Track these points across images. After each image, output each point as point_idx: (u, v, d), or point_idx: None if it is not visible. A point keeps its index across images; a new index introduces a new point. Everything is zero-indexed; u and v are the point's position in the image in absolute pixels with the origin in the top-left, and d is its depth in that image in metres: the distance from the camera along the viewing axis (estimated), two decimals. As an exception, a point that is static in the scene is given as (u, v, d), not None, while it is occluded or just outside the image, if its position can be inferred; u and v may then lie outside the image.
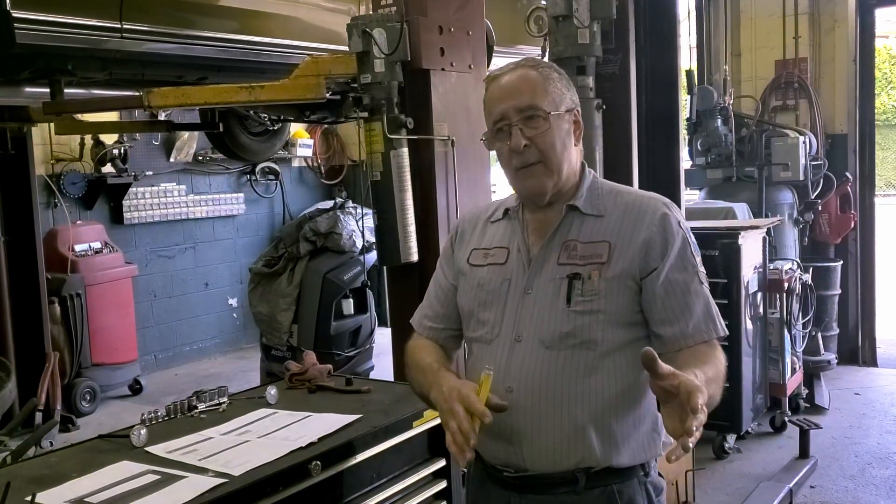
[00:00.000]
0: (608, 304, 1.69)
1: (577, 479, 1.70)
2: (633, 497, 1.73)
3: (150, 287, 7.60)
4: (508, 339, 1.75)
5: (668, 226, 1.72)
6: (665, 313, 1.69)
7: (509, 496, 1.77)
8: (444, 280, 1.95)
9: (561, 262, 1.74)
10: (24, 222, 5.70)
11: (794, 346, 5.53)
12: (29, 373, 5.22)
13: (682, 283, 1.70)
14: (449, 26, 3.19)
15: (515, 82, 1.77)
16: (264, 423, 2.12)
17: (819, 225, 6.88)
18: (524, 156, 1.73)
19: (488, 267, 1.83)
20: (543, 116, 1.73)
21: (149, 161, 7.44)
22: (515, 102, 1.74)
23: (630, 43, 3.65)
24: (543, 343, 1.71)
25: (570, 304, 1.70)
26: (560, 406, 1.68)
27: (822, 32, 7.06)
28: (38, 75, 3.83)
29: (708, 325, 1.70)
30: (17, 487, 1.58)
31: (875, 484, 4.55)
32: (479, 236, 1.91)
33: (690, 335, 1.68)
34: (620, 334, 1.70)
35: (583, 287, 1.69)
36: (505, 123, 1.75)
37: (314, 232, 6.01)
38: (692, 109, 6.84)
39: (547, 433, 1.69)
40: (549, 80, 1.77)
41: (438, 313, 1.95)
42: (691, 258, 1.73)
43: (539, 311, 1.73)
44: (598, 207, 1.78)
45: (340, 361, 5.75)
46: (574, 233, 1.76)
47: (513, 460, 1.74)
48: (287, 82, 3.27)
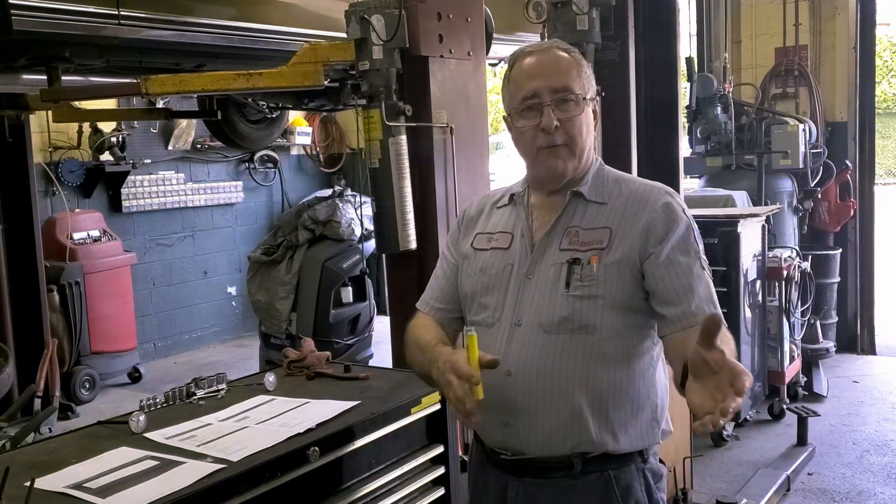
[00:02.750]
0: (607, 289, 1.68)
1: (573, 463, 1.70)
2: (630, 483, 1.73)
3: (149, 275, 7.60)
4: (509, 323, 1.75)
5: (671, 211, 1.72)
6: (668, 294, 1.68)
7: (507, 479, 1.78)
8: (451, 262, 1.95)
9: (562, 247, 1.74)
10: (22, 210, 5.68)
11: (792, 334, 5.54)
12: (28, 361, 5.23)
13: (684, 265, 1.69)
14: (448, 13, 3.17)
15: (551, 62, 1.75)
16: (263, 410, 2.12)
17: (818, 213, 6.88)
18: (553, 136, 1.72)
19: (491, 251, 1.83)
20: (575, 101, 1.73)
21: (147, 149, 7.42)
22: (551, 82, 1.72)
23: (629, 30, 3.64)
24: (542, 327, 1.71)
25: (569, 288, 1.70)
26: (557, 390, 1.68)
27: (823, 20, 7.04)
28: (36, 62, 3.82)
29: (710, 306, 1.69)
30: (17, 473, 1.58)
31: (872, 471, 4.57)
32: (484, 221, 1.91)
33: (694, 313, 1.66)
34: (620, 320, 1.70)
35: (582, 272, 1.69)
36: (536, 101, 1.72)
37: (313, 220, 6.01)
38: (692, 97, 6.83)
39: (544, 417, 1.69)
40: (580, 65, 1.77)
41: (447, 295, 1.94)
42: (694, 243, 1.73)
43: (539, 295, 1.73)
44: (602, 194, 1.78)
45: (339, 349, 5.76)
46: (577, 219, 1.76)
47: (510, 443, 1.75)
48: (285, 69, 3.26)
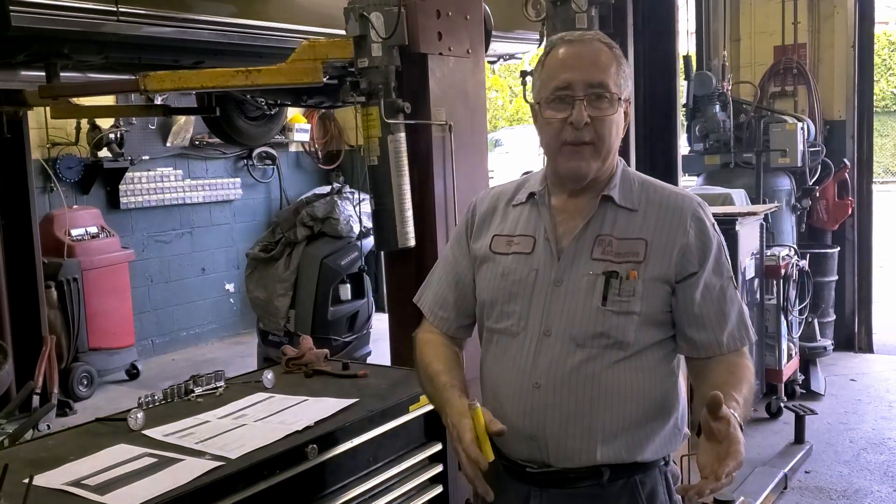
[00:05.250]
0: (644, 305, 1.64)
1: (602, 472, 1.67)
2: (655, 487, 1.71)
3: (147, 272, 7.59)
4: (536, 332, 1.68)
5: (706, 229, 1.69)
6: (701, 319, 1.66)
7: (529, 490, 1.72)
8: (458, 266, 1.85)
9: (595, 257, 1.67)
10: (20, 206, 5.67)
11: (790, 333, 5.54)
12: (26, 358, 5.22)
13: (718, 290, 1.67)
14: (447, 10, 3.17)
15: (591, 54, 1.66)
16: (261, 407, 2.12)
17: (816, 211, 6.88)
18: (581, 133, 1.64)
19: (513, 256, 1.74)
20: (610, 99, 1.65)
21: (145, 145, 7.41)
22: (587, 76, 1.64)
23: (628, 28, 3.64)
24: (574, 340, 1.65)
25: (605, 303, 1.64)
26: (588, 404, 1.64)
27: (822, 18, 7.04)
28: (34, 58, 3.81)
29: (741, 333, 1.68)
30: (15, 469, 1.58)
31: (869, 469, 4.58)
32: (500, 221, 1.80)
33: (725, 344, 1.66)
34: (651, 335, 1.67)
35: (620, 286, 1.63)
36: (568, 94, 1.64)
37: (311, 217, 6.01)
38: (690, 95, 6.82)
39: (574, 431, 1.64)
40: (620, 63, 1.69)
41: (450, 301, 1.85)
42: (725, 262, 1.71)
43: (571, 306, 1.66)
44: (632, 200, 1.71)
45: (338, 347, 5.76)
46: (608, 226, 1.69)
47: (537, 456, 1.69)
48: (284, 66, 3.25)
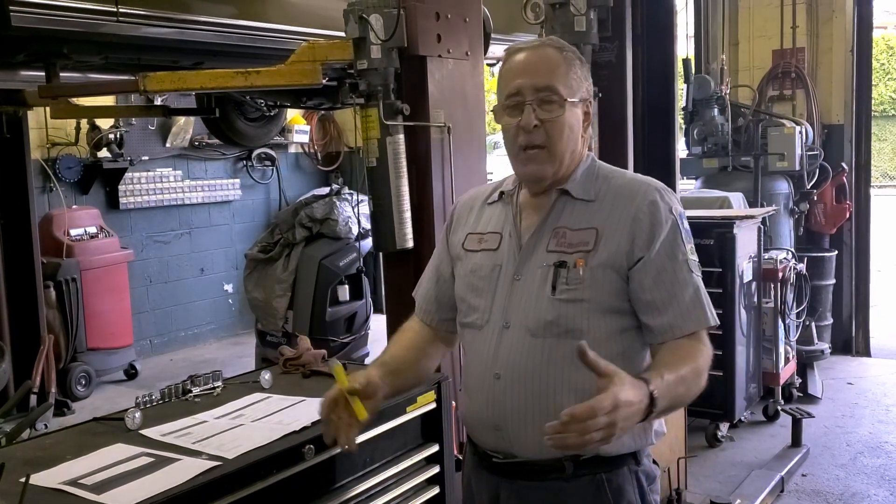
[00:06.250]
0: (592, 292, 1.66)
1: (565, 466, 1.68)
2: (623, 485, 1.71)
3: (146, 272, 7.59)
4: (498, 325, 1.74)
5: (657, 212, 1.69)
6: (653, 304, 1.67)
7: (498, 482, 1.76)
8: (441, 262, 1.95)
9: (550, 249, 1.72)
10: (19, 206, 5.67)
11: (787, 336, 5.55)
12: (24, 357, 5.23)
13: (669, 272, 1.67)
14: (446, 13, 3.17)
15: (537, 60, 1.72)
16: (258, 408, 2.13)
17: (814, 215, 6.88)
18: (531, 136, 1.70)
19: (482, 252, 1.82)
20: (559, 102, 1.69)
21: (145, 146, 7.42)
22: (534, 80, 1.69)
23: (627, 31, 3.65)
24: (529, 331, 1.69)
25: (554, 292, 1.68)
26: (546, 394, 1.67)
27: (820, 22, 7.06)
28: (34, 59, 3.82)
29: (695, 315, 1.67)
30: (12, 469, 1.58)
31: (866, 472, 4.59)
32: (474, 219, 1.88)
33: (678, 326, 1.66)
34: (607, 323, 1.68)
35: (568, 275, 1.67)
36: (519, 99, 1.70)
37: (310, 218, 6.02)
38: (688, 98, 6.84)
39: (533, 421, 1.66)
40: (570, 65, 1.73)
41: (432, 296, 1.95)
42: (681, 245, 1.69)
43: (526, 298, 1.71)
44: (590, 192, 1.75)
45: (336, 348, 5.77)
46: (565, 219, 1.74)
47: (501, 446, 1.74)
48: (283, 68, 3.26)
